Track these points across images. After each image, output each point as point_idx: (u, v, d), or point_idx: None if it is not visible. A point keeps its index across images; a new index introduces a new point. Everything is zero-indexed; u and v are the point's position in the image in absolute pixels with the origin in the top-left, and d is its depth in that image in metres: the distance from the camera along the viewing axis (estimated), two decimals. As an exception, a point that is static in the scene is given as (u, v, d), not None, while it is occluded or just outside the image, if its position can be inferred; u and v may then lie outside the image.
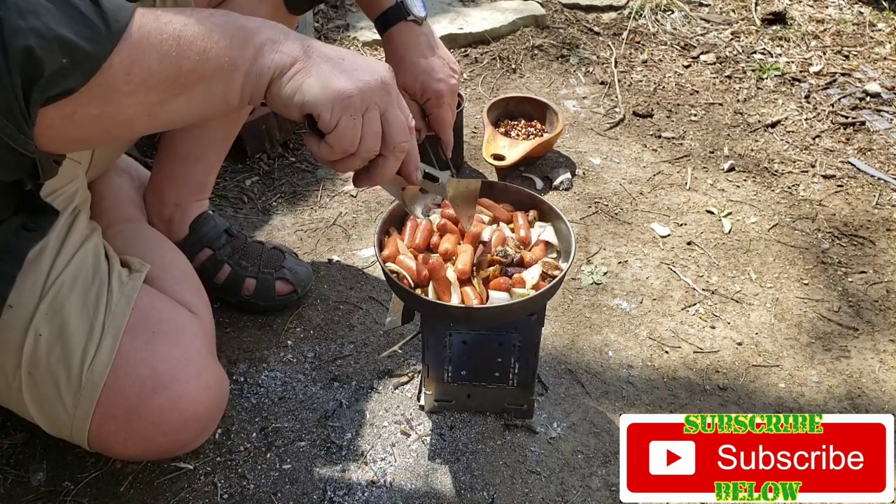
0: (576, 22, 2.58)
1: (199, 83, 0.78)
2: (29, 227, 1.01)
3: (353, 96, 0.80)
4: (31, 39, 0.66)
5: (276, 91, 0.80)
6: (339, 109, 0.80)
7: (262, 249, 1.53)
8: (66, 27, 0.68)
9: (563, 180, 1.90)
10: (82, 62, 0.70)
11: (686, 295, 1.61)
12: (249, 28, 0.80)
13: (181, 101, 0.78)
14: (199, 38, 0.76)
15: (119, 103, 0.74)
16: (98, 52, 0.70)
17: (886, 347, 1.50)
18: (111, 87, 0.72)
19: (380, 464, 1.27)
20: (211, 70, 0.77)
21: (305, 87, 0.79)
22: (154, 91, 0.75)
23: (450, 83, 1.36)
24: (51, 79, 0.68)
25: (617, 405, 1.38)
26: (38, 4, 0.67)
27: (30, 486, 1.22)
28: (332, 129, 0.81)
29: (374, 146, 0.85)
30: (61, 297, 1.04)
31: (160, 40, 0.74)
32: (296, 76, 0.80)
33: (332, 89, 0.79)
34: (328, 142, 0.82)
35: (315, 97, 0.79)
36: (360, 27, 2.46)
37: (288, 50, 0.80)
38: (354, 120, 0.81)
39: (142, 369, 1.05)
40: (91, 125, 0.75)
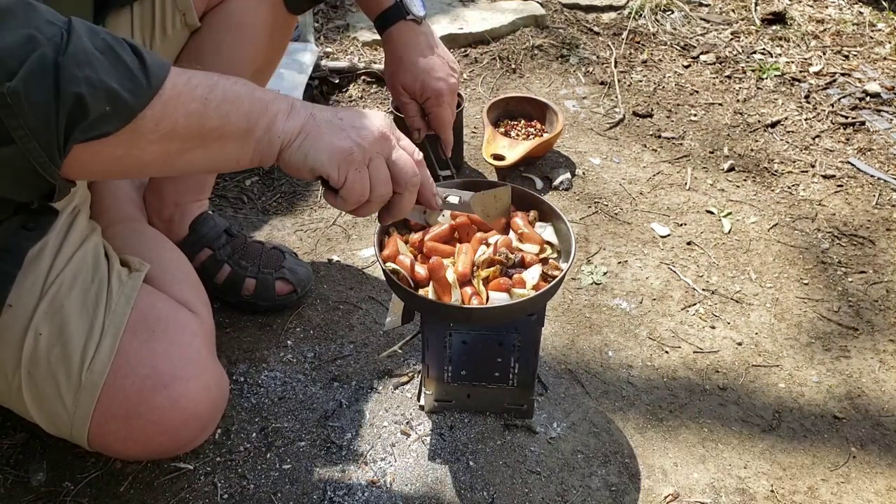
0: (576, 22, 2.58)
1: (217, 142, 0.86)
2: (29, 226, 1.02)
3: (355, 152, 0.89)
4: (83, 87, 0.73)
5: (288, 158, 0.89)
6: (345, 166, 0.89)
7: (261, 249, 1.53)
8: (114, 79, 0.75)
9: (563, 180, 1.90)
10: (122, 111, 0.77)
11: (686, 295, 1.61)
12: (266, 99, 0.88)
13: (197, 154, 0.86)
14: (224, 102, 0.84)
15: (142, 149, 0.81)
16: (137, 104, 0.77)
17: (886, 347, 1.50)
18: (139, 134, 0.79)
19: (380, 464, 1.27)
20: (229, 132, 0.85)
21: (312, 152, 0.88)
22: (175, 142, 0.83)
23: (449, 82, 1.36)
24: (93, 123, 0.75)
25: (617, 405, 1.38)
26: (93, 56, 0.74)
27: (30, 486, 1.22)
28: (342, 184, 0.90)
29: (386, 190, 0.93)
30: (61, 297, 1.04)
31: (189, 100, 0.81)
32: (303, 143, 0.88)
33: (335, 150, 0.88)
34: (342, 196, 0.91)
35: (321, 160, 0.88)
36: (360, 27, 2.46)
37: (295, 120, 0.88)
38: (360, 172, 0.90)
39: (141, 368, 1.05)
40: (113, 163, 0.82)
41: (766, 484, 1.26)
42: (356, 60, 2.29)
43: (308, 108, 0.90)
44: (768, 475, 1.27)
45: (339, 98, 2.19)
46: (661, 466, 1.28)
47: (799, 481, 1.26)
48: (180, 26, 1.29)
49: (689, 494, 1.24)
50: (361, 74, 2.25)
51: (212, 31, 1.32)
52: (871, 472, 1.28)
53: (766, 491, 1.25)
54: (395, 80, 1.39)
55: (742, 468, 1.28)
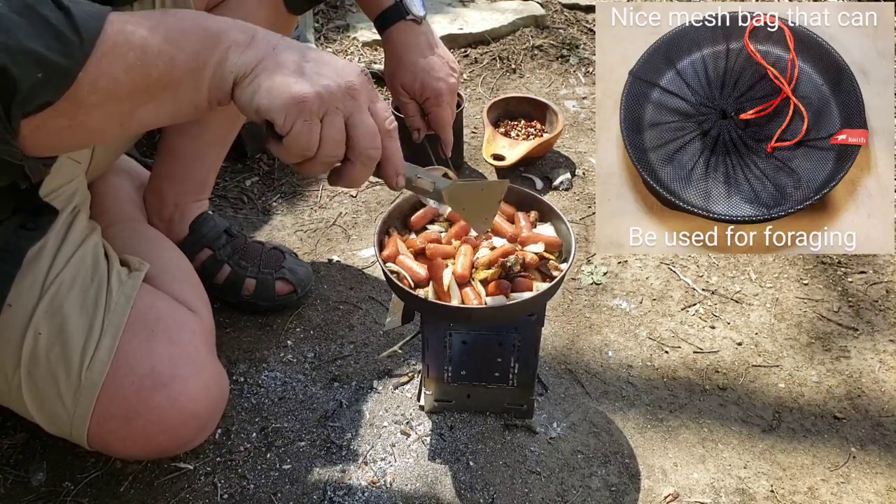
0: (576, 22, 2.58)
1: (167, 90, 0.77)
2: (28, 226, 1.02)
3: (308, 100, 0.78)
4: (2, 57, 0.66)
5: (238, 95, 0.79)
6: (294, 114, 0.78)
7: (262, 249, 1.53)
8: (37, 41, 0.68)
9: (563, 180, 1.90)
10: (56, 76, 0.70)
11: (686, 295, 1.61)
12: (216, 31, 0.78)
13: (150, 108, 0.78)
14: (167, 44, 0.75)
15: (87, 114, 0.74)
16: (72, 65, 0.70)
17: (886, 347, 1.50)
18: (77, 99, 0.72)
19: (380, 464, 1.27)
20: (178, 77, 0.77)
21: (262, 90, 0.78)
22: (122, 102, 0.75)
23: (449, 82, 1.36)
24: (28, 94, 0.69)
25: (617, 405, 1.38)
26: (9, 20, 0.67)
27: (30, 486, 1.22)
28: (286, 132, 0.79)
29: (336, 151, 0.82)
30: (60, 296, 1.04)
31: (127, 50, 0.73)
32: (255, 79, 0.78)
33: (286, 94, 0.77)
34: (284, 144, 0.80)
35: (270, 102, 0.78)
36: (360, 27, 2.46)
37: (252, 53, 0.78)
38: (310, 124, 0.79)
39: (141, 367, 1.05)
40: (62, 135, 0.75)
41: (766, 484, 1.26)
42: (356, 60, 2.29)
43: (272, 41, 0.80)
44: (768, 475, 1.27)
45: (339, 98, 2.19)
46: (661, 466, 1.28)
47: (799, 481, 1.26)
48: (180, 26, 1.28)
49: (689, 494, 1.24)
50: (361, 74, 2.24)
51: (211, 31, 1.31)
52: (871, 472, 1.28)
53: (766, 491, 1.25)
54: (394, 79, 1.39)
55: (742, 468, 1.28)
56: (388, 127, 0.85)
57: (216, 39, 0.78)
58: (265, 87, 0.77)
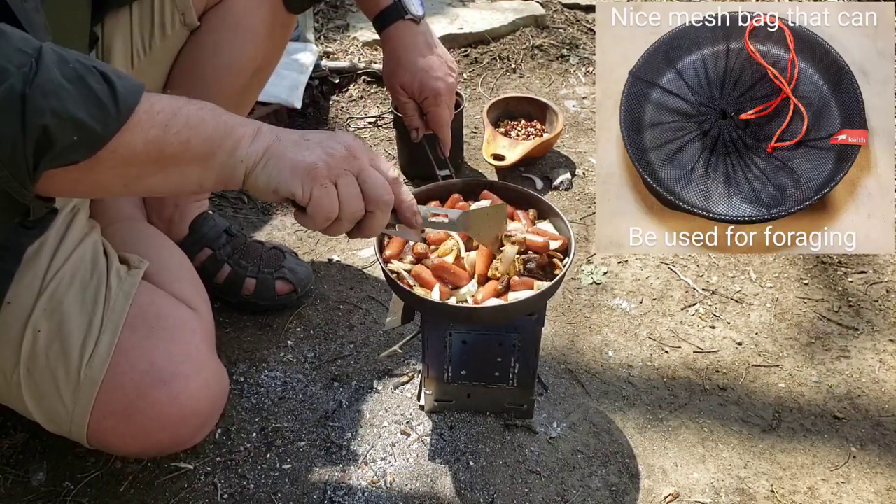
0: (576, 22, 2.58)
1: (177, 167, 0.84)
2: (27, 224, 1.02)
3: (318, 167, 0.86)
4: (48, 119, 0.73)
5: (254, 181, 0.87)
6: (308, 182, 0.86)
7: (262, 249, 1.53)
8: (82, 109, 0.75)
9: (563, 180, 1.90)
10: (90, 140, 0.76)
11: (686, 295, 1.61)
12: (231, 124, 0.86)
13: (157, 179, 0.85)
14: (186, 127, 0.82)
15: (99, 174, 0.81)
16: (105, 133, 0.77)
17: (886, 347, 1.50)
18: (96, 161, 0.78)
19: (380, 464, 1.27)
20: (190, 157, 0.84)
21: (275, 172, 0.86)
22: (134, 168, 0.82)
23: (447, 81, 1.36)
24: (60, 152, 0.75)
25: (617, 405, 1.38)
26: (61, 86, 0.74)
27: (30, 486, 1.22)
28: (307, 201, 0.87)
29: (357, 206, 0.90)
30: (59, 294, 1.04)
31: (150, 126, 0.80)
32: (267, 164, 0.86)
33: (298, 167, 0.86)
34: (309, 213, 0.88)
35: (285, 178, 0.86)
36: (360, 27, 2.46)
37: (259, 142, 0.86)
38: (326, 189, 0.87)
39: (140, 365, 1.05)
40: (71, 186, 0.83)
41: (766, 484, 1.26)
42: (356, 60, 2.29)
43: (275, 131, 0.88)
44: (768, 475, 1.27)
45: (339, 98, 2.19)
46: (661, 466, 1.28)
47: (799, 481, 1.26)
48: (179, 26, 1.29)
49: (689, 494, 1.24)
50: (361, 74, 2.25)
51: (211, 31, 1.32)
52: (871, 472, 1.28)
53: (766, 491, 1.25)
54: (393, 79, 1.39)
55: (742, 468, 1.28)
56: (393, 175, 0.93)
57: (229, 130, 0.85)
58: (277, 169, 0.86)
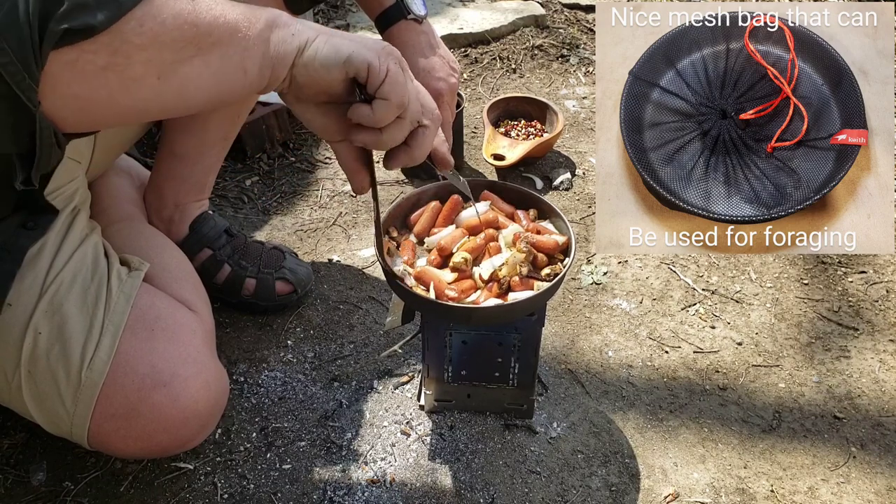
0: (576, 22, 2.58)
1: (215, 47, 0.73)
2: (28, 225, 1.02)
3: (388, 47, 0.78)
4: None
5: (311, 57, 0.76)
6: (385, 56, 0.77)
7: (262, 249, 1.53)
8: None
9: (563, 180, 1.90)
10: (109, 2, 0.65)
11: (686, 295, 1.61)
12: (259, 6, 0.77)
13: (196, 65, 0.73)
14: (215, 2, 0.73)
15: (128, 56, 0.68)
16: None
17: (886, 347, 1.50)
18: (121, 36, 0.67)
19: (380, 464, 1.27)
20: (228, 34, 0.73)
21: (343, 46, 0.76)
22: (167, 49, 0.70)
23: (449, 82, 1.36)
24: (69, 11, 0.63)
25: (617, 405, 1.38)
26: None
27: (30, 486, 1.22)
28: (384, 77, 0.77)
29: (418, 107, 0.82)
30: (60, 296, 1.04)
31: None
32: (329, 41, 0.77)
33: (369, 43, 0.77)
34: (382, 95, 0.78)
35: (358, 50, 0.76)
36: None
37: (306, 26, 0.78)
38: (400, 65, 0.79)
39: (141, 367, 1.05)
40: (95, 81, 0.68)
41: (766, 484, 1.26)
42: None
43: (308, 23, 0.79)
44: (768, 475, 1.27)
45: (340, 98, 2.19)
46: (661, 466, 1.28)
47: (799, 481, 1.26)
48: (181, 25, 1.28)
49: (689, 494, 1.24)
50: (361, 74, 2.24)
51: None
52: (871, 472, 1.28)
53: (766, 491, 1.25)
54: (395, 79, 1.39)
55: (742, 468, 1.28)
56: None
57: (260, 11, 0.76)
58: (347, 39, 0.77)
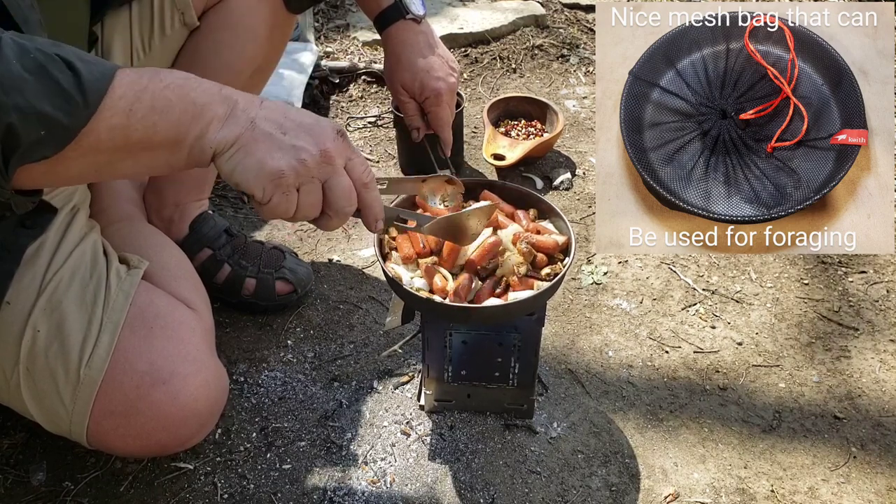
0: (576, 22, 2.58)
1: (145, 151, 0.80)
2: (27, 224, 1.02)
3: (285, 176, 0.81)
4: (12, 116, 0.68)
5: (219, 166, 0.82)
6: (271, 188, 0.82)
7: (262, 249, 1.53)
8: (46, 102, 0.70)
9: (563, 180, 1.90)
10: (58, 134, 0.72)
11: (686, 295, 1.61)
12: (201, 104, 0.80)
13: (126, 164, 0.81)
14: (151, 112, 0.77)
15: (65, 164, 0.76)
16: (74, 125, 0.73)
17: (886, 347, 1.50)
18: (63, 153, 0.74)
19: (380, 464, 1.27)
20: (157, 142, 0.79)
21: (240, 167, 0.81)
22: (101, 155, 0.77)
23: (448, 82, 1.36)
24: (29, 149, 0.71)
25: (617, 405, 1.38)
26: (21, 79, 0.69)
27: (30, 486, 1.22)
28: (265, 203, 0.83)
29: (312, 213, 0.86)
30: (59, 294, 1.04)
31: (111, 113, 0.75)
32: (234, 155, 0.81)
33: (264, 171, 0.81)
34: (262, 209, 0.85)
35: (248, 179, 0.81)
36: (360, 27, 2.46)
37: (230, 128, 0.81)
38: (287, 196, 0.83)
39: (140, 364, 1.05)
40: (43, 178, 0.78)
41: (766, 484, 1.26)
42: (356, 60, 2.29)
43: (251, 113, 0.82)
44: (768, 475, 1.27)
45: (339, 98, 2.19)
46: (661, 466, 1.28)
47: (799, 481, 1.26)
48: (179, 25, 1.29)
49: (689, 494, 1.24)
50: (361, 74, 2.25)
51: (211, 31, 1.32)
52: (872, 472, 1.28)
53: (767, 491, 1.25)
54: (394, 79, 1.39)
55: (742, 468, 1.28)
56: (365, 180, 0.88)
57: (199, 112, 0.80)
58: (243, 165, 0.81)
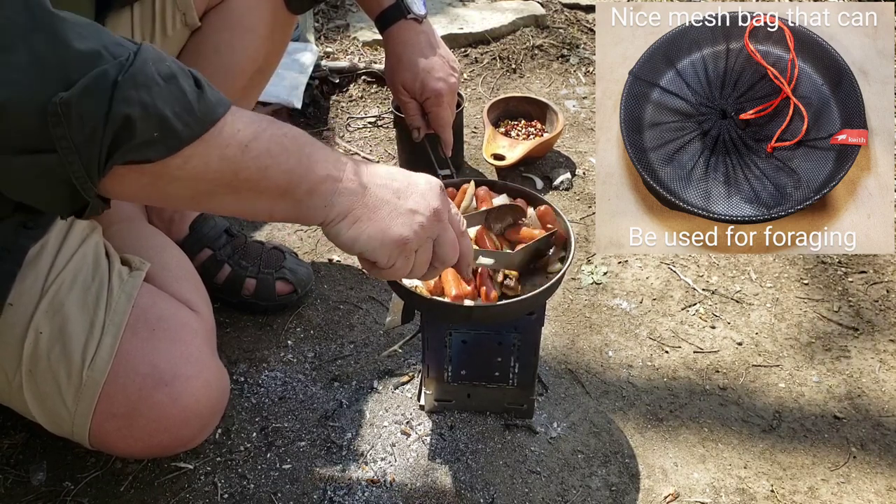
0: (576, 22, 2.58)
1: (250, 192, 0.81)
2: (29, 225, 1.02)
3: (410, 242, 0.85)
4: (135, 109, 0.70)
5: (335, 234, 0.85)
6: (396, 254, 0.86)
7: (262, 249, 1.53)
8: (168, 106, 0.72)
9: (563, 180, 1.90)
10: (169, 139, 0.73)
11: (686, 295, 1.61)
12: (315, 159, 0.82)
13: (227, 200, 0.81)
14: (266, 154, 0.79)
15: (167, 182, 0.77)
16: (186, 135, 0.74)
17: (886, 347, 1.50)
18: (166, 168, 0.75)
19: (380, 464, 1.27)
20: (264, 187, 0.80)
21: (364, 237, 0.84)
22: (204, 184, 0.78)
23: (449, 82, 1.36)
24: (137, 146, 0.72)
25: (617, 405, 1.38)
26: (153, 80, 0.71)
27: (30, 486, 1.22)
28: (388, 268, 0.88)
29: (425, 270, 0.92)
30: (61, 295, 1.04)
31: (227, 143, 0.76)
32: (355, 224, 0.84)
33: (389, 239, 0.85)
34: (382, 273, 0.89)
35: (374, 248, 0.85)
36: (360, 27, 2.46)
37: (346, 196, 0.83)
38: (408, 259, 0.88)
39: (142, 366, 1.05)
40: (136, 191, 0.79)
41: (766, 484, 1.26)
42: (356, 60, 2.29)
43: (364, 179, 0.84)
44: (768, 475, 1.27)
45: (340, 98, 2.19)
46: (661, 466, 1.28)
47: (799, 481, 1.26)
48: (180, 26, 1.29)
49: (689, 494, 1.24)
50: (362, 74, 2.25)
51: (212, 31, 1.32)
52: (872, 472, 1.28)
53: (767, 491, 1.25)
54: (395, 79, 1.39)
55: (742, 468, 1.28)
56: (462, 229, 0.93)
57: (312, 167, 0.82)
58: (367, 234, 0.84)
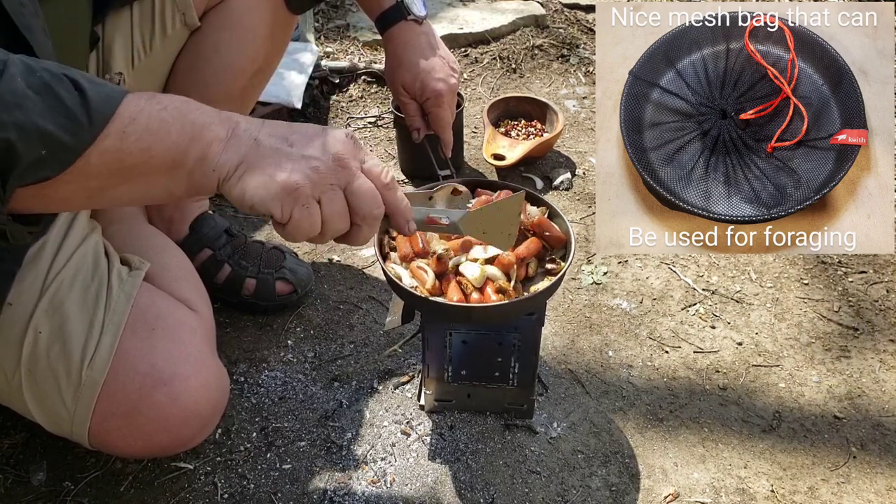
0: (576, 22, 2.58)
1: (142, 177, 0.76)
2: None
3: (301, 187, 0.77)
4: (11, 132, 0.66)
5: (228, 192, 0.78)
6: (289, 203, 0.77)
7: (262, 249, 1.53)
8: (49, 120, 0.67)
9: (563, 180, 1.90)
10: (60, 153, 0.69)
11: (686, 295, 1.61)
12: (200, 124, 0.76)
13: (122, 190, 0.77)
14: (145, 133, 0.73)
15: (54, 187, 0.72)
16: (77, 145, 0.70)
17: (886, 347, 1.50)
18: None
19: (380, 464, 1.27)
20: (153, 166, 0.75)
21: (250, 187, 0.76)
22: (93, 179, 0.74)
23: (449, 83, 1.36)
24: (28, 168, 0.68)
25: (617, 405, 1.38)
26: (24, 97, 0.67)
27: (30, 486, 1.22)
28: (286, 222, 0.78)
29: (341, 223, 0.81)
30: (61, 295, 1.04)
31: (103, 136, 0.71)
32: (242, 178, 0.77)
33: (276, 185, 0.76)
34: (287, 230, 0.80)
35: (261, 197, 0.77)
36: (360, 27, 2.46)
37: (234, 150, 0.77)
38: (308, 209, 0.78)
39: (141, 366, 1.05)
40: (31, 201, 0.73)
41: (766, 484, 1.26)
42: (356, 60, 2.29)
43: (253, 132, 0.78)
44: (768, 475, 1.27)
45: (339, 98, 2.19)
46: (661, 466, 1.28)
47: (799, 481, 1.26)
48: (180, 26, 1.29)
49: (689, 494, 1.24)
50: (362, 74, 2.25)
51: (212, 31, 1.32)
52: (872, 472, 1.28)
53: (766, 491, 1.25)
54: (395, 79, 1.39)
55: (742, 468, 1.28)
56: (386, 181, 0.83)
57: (198, 133, 0.76)
58: (254, 184, 0.76)
